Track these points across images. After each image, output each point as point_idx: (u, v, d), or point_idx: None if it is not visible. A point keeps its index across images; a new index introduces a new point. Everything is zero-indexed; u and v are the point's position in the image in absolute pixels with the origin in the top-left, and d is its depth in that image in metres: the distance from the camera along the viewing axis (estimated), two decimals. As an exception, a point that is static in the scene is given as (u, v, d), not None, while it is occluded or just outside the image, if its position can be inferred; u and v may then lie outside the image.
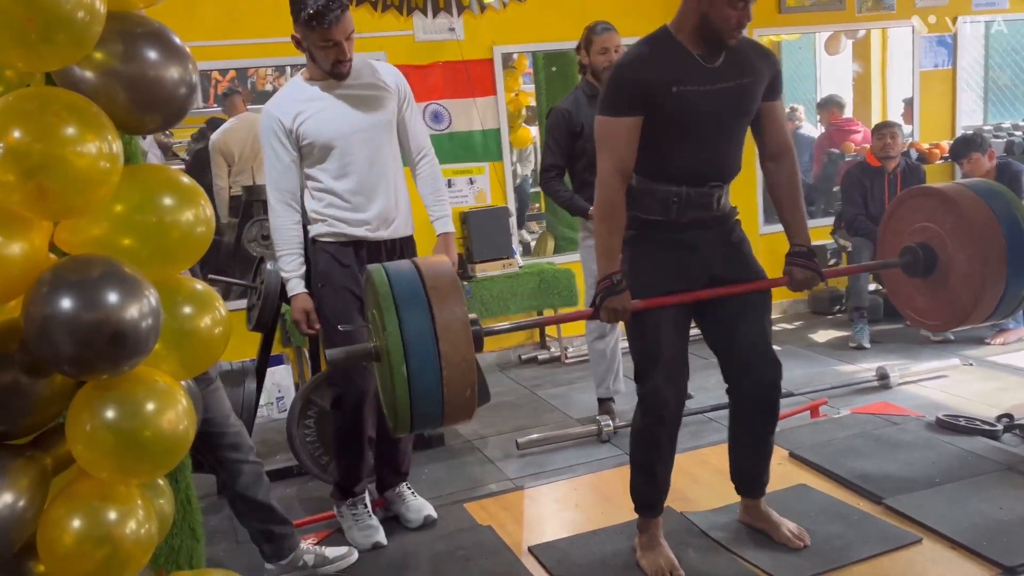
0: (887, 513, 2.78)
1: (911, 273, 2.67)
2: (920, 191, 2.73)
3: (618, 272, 2.33)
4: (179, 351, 1.63)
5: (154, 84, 1.53)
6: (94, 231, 1.52)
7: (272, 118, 2.76)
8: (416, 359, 1.98)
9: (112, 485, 1.57)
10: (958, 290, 2.56)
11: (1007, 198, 2.55)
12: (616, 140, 2.31)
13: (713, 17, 2.24)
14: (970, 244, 2.49)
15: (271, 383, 4.30)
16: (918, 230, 2.66)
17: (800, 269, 2.47)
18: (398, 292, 2.03)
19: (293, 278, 2.82)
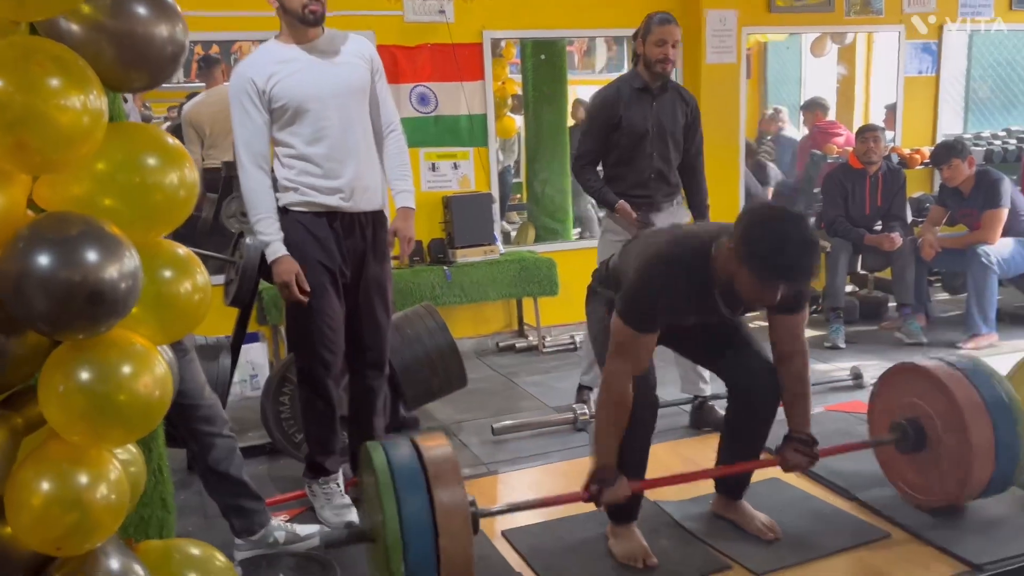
0: (858, 508, 2.80)
1: (901, 449, 2.73)
2: (910, 368, 2.74)
3: (613, 466, 2.39)
4: (157, 315, 1.59)
5: (142, 41, 1.49)
6: (75, 189, 1.48)
7: (244, 78, 2.69)
8: (415, 550, 2.00)
9: (84, 449, 1.53)
10: (947, 473, 2.61)
11: (993, 378, 2.60)
12: (637, 351, 2.34)
13: (742, 290, 2.21)
14: (959, 429, 2.53)
15: (245, 360, 4.25)
16: (908, 405, 2.71)
17: (796, 454, 2.53)
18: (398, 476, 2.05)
19: (275, 241, 2.72)
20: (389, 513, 2.02)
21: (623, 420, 2.36)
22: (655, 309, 2.31)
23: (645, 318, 2.31)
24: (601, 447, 2.40)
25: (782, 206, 2.23)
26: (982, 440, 2.50)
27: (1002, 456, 2.53)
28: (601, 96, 3.57)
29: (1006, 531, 2.58)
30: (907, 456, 2.73)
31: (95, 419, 1.48)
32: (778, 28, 6.09)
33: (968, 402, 2.53)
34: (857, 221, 4.97)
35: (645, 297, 2.31)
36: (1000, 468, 2.54)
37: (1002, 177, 4.76)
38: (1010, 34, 6.73)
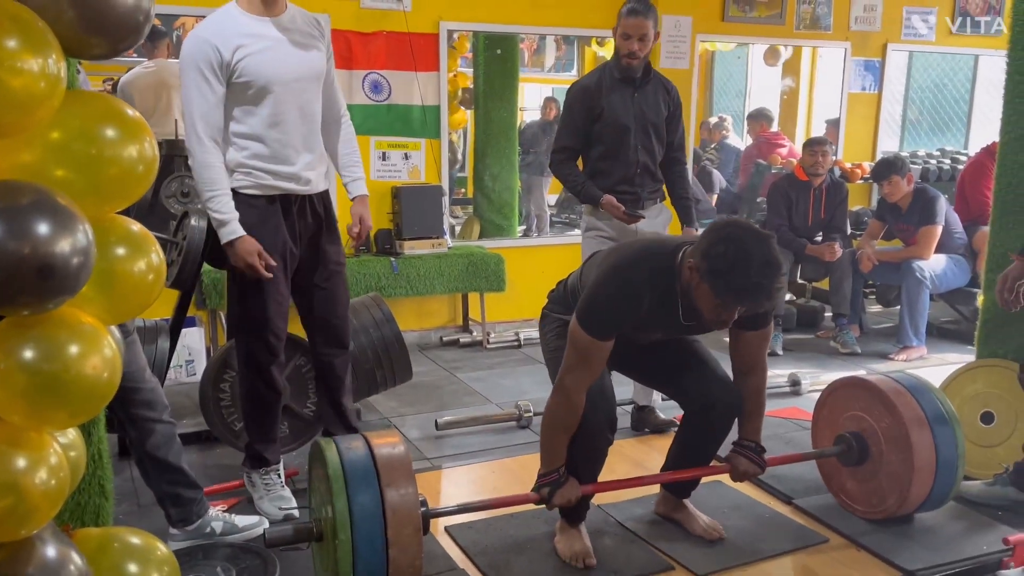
0: (796, 513, 2.86)
1: (844, 462, 2.78)
2: (856, 382, 2.80)
3: (563, 466, 2.38)
4: (108, 294, 1.52)
5: (105, 6, 1.42)
6: (26, 156, 1.40)
7: (208, 45, 2.52)
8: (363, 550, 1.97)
9: (23, 430, 1.45)
10: (885, 487, 2.67)
11: (937, 397, 2.67)
12: (596, 359, 2.31)
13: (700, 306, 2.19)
14: (903, 445, 2.59)
15: (182, 345, 4.11)
16: (852, 418, 2.77)
17: (746, 461, 2.55)
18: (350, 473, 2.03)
19: (232, 221, 2.59)
20: (340, 514, 1.98)
21: (574, 426, 2.35)
22: (616, 317, 2.27)
23: (604, 325, 2.27)
24: (550, 451, 2.39)
25: (749, 224, 2.20)
26: (924, 457, 2.57)
27: (942, 473, 2.60)
28: (580, 85, 3.40)
29: (940, 539, 2.66)
30: (849, 468, 2.79)
31: (38, 400, 1.41)
32: (730, 37, 6.19)
33: (913, 420, 2.59)
34: (799, 231, 5.08)
35: (605, 304, 2.27)
36: (939, 484, 2.61)
37: (939, 195, 4.91)
38: (946, 57, 6.98)
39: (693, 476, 2.66)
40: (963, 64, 7.16)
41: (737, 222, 2.18)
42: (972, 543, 2.64)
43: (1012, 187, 3.14)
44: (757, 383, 2.52)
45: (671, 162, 3.53)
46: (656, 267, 2.27)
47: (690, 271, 2.17)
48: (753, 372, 2.51)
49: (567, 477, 2.39)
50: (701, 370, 2.55)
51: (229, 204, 2.61)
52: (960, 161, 6.30)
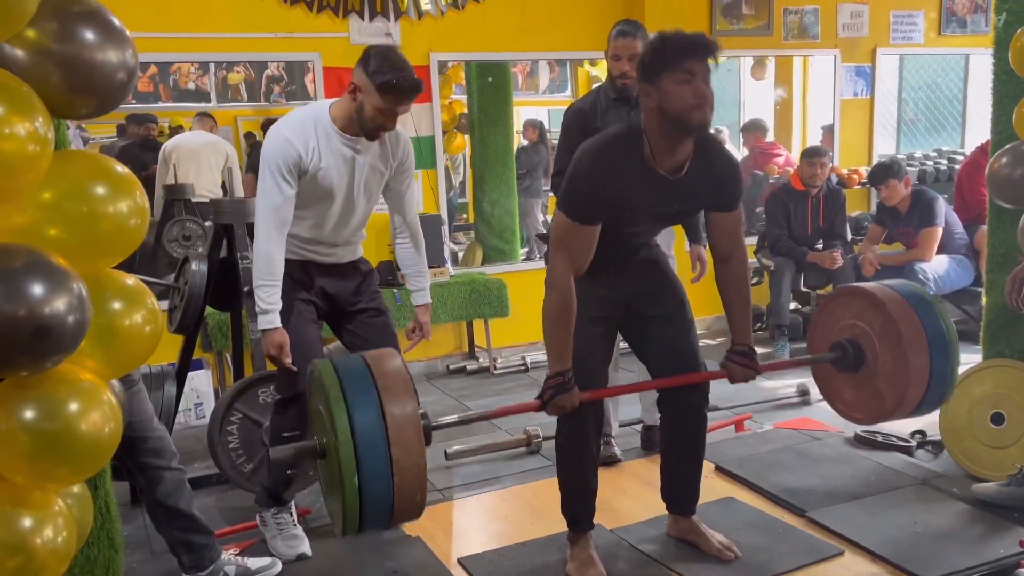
0: (810, 526, 2.84)
1: (840, 368, 2.78)
2: (852, 290, 2.81)
3: (569, 370, 2.33)
4: (106, 349, 1.54)
5: (90, 66, 1.45)
6: (18, 219, 1.43)
7: (292, 148, 2.62)
8: (367, 465, 1.94)
9: (28, 490, 1.47)
10: (883, 389, 2.67)
11: (932, 304, 2.68)
12: (577, 244, 2.31)
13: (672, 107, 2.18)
14: (896, 347, 2.60)
15: (190, 388, 4.15)
16: (848, 326, 2.77)
17: (741, 368, 2.53)
18: (349, 392, 1.99)
19: (272, 311, 2.69)
20: (341, 427, 1.95)
21: (569, 316, 2.33)
22: (592, 193, 2.28)
23: (581, 204, 2.28)
24: (554, 347, 2.34)
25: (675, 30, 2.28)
26: (918, 359, 2.56)
27: (935, 376, 2.59)
28: (576, 108, 3.42)
29: (956, 545, 2.64)
30: (845, 375, 2.78)
31: (40, 459, 1.42)
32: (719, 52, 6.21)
33: (907, 322, 2.58)
34: (800, 240, 5.08)
35: (581, 182, 2.28)
36: (932, 387, 2.61)
37: (936, 197, 4.91)
38: (937, 58, 7.00)
39: (689, 381, 2.56)
40: (954, 64, 7.18)
41: (662, 32, 2.24)
42: (989, 547, 2.62)
43: (1006, 186, 3.14)
44: (739, 268, 2.51)
45: None
46: (624, 142, 2.30)
47: (648, 96, 2.23)
48: (733, 256, 2.50)
49: (572, 384, 2.34)
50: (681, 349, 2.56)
51: (275, 295, 2.68)
52: (956, 161, 6.30)
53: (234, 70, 7.49)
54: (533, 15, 5.18)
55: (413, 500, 2.02)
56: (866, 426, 2.76)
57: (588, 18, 5.15)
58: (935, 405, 2.73)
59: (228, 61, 6.65)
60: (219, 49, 4.74)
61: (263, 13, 4.63)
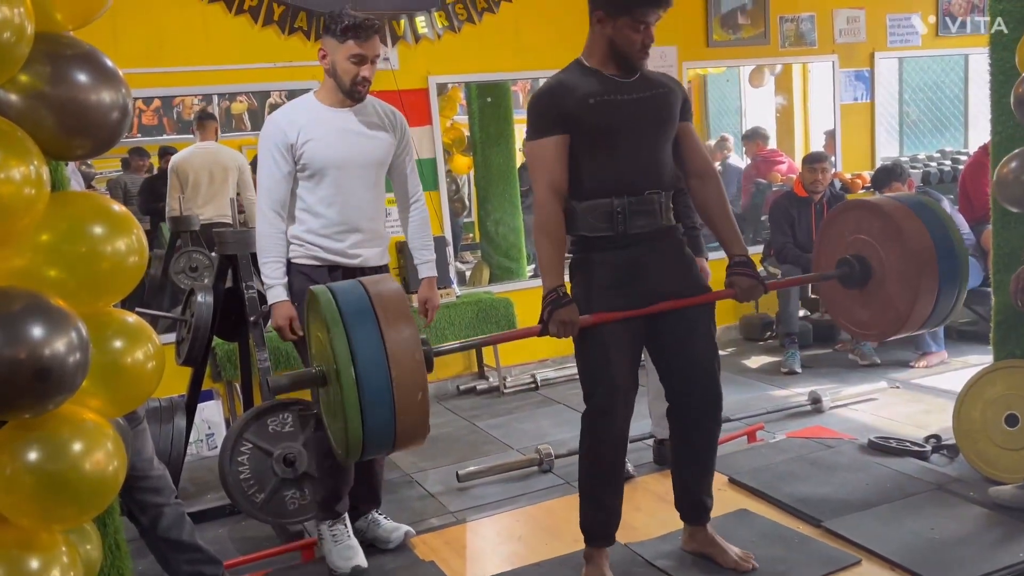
0: (826, 535, 2.81)
1: (848, 284, 2.72)
2: (851, 204, 2.79)
3: (562, 285, 2.34)
4: (109, 387, 1.55)
5: (84, 108, 1.46)
6: (17, 262, 1.44)
7: (277, 128, 2.78)
8: (368, 385, 1.92)
9: (34, 532, 1.47)
10: (893, 298, 2.61)
11: (934, 209, 2.65)
12: (545, 160, 2.37)
13: (619, 42, 2.36)
14: (902, 253, 2.56)
15: (200, 419, 4.15)
16: (852, 242, 2.72)
17: (744, 278, 2.50)
18: (346, 313, 1.98)
19: (277, 285, 2.81)
20: (340, 351, 1.94)
21: (557, 232, 2.36)
22: (544, 106, 2.37)
23: (537, 119, 2.38)
24: (546, 264, 2.36)
25: None
26: (924, 261, 2.52)
27: (945, 277, 2.55)
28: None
29: (974, 550, 2.61)
30: (853, 293, 2.72)
31: (46, 500, 1.43)
32: (716, 62, 6.24)
33: (910, 226, 2.55)
34: (805, 247, 5.06)
35: (534, 107, 2.41)
36: (943, 290, 2.57)
37: (941, 198, 4.87)
38: (936, 59, 7.00)
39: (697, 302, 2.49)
40: (954, 64, 7.18)
41: None
42: (1007, 551, 2.59)
43: (1009, 186, 3.12)
44: (716, 185, 2.54)
45: (676, 193, 3.53)
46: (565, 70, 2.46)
47: (600, 23, 2.37)
48: (707, 172, 2.54)
49: (567, 299, 2.32)
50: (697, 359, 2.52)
51: (279, 270, 2.81)
52: (960, 161, 6.28)
53: (237, 100, 7.56)
54: (528, 35, 5.21)
55: (415, 423, 2.00)
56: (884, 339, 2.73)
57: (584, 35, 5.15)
58: (947, 312, 2.63)
59: (230, 92, 6.72)
60: (221, 81, 4.78)
61: (262, 43, 4.68)
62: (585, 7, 2.43)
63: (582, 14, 2.45)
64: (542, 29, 5.22)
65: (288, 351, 4.27)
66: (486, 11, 5.11)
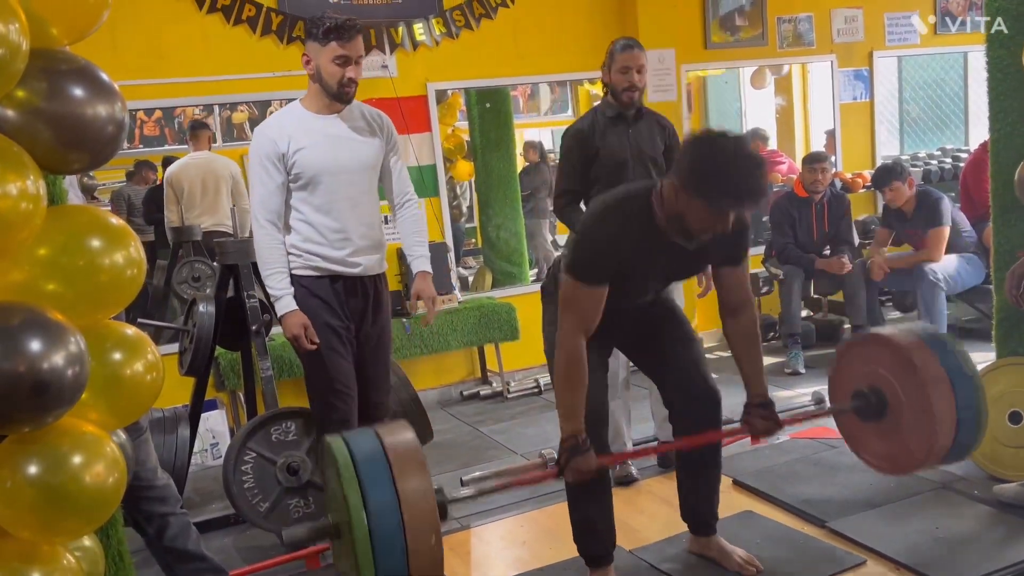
0: (831, 536, 2.81)
1: (864, 418, 2.69)
2: (869, 338, 2.74)
3: (582, 431, 2.29)
4: (108, 399, 1.55)
5: (80, 122, 1.47)
6: (15, 276, 1.45)
7: (267, 139, 2.78)
8: (382, 546, 1.91)
9: (35, 545, 1.48)
10: (909, 438, 2.57)
11: (951, 345, 2.59)
12: (585, 306, 2.30)
13: (691, 219, 2.16)
14: (919, 393, 2.51)
15: (204, 429, 4.16)
16: (866, 374, 2.69)
17: (761, 420, 2.50)
18: (362, 470, 1.98)
19: (285, 296, 2.80)
20: (354, 506, 1.93)
21: (582, 378, 2.30)
22: (599, 256, 2.27)
23: (589, 267, 2.28)
24: (565, 411, 2.31)
25: (721, 130, 2.16)
26: (943, 403, 2.48)
27: (963, 412, 2.49)
28: (575, 129, 3.43)
29: (979, 548, 2.61)
30: (870, 425, 2.68)
31: (46, 513, 1.43)
32: (715, 64, 6.24)
33: (928, 366, 2.50)
34: (806, 247, 5.06)
35: (588, 244, 2.29)
36: (963, 427, 2.50)
37: (941, 197, 4.89)
38: (935, 57, 6.99)
39: (711, 440, 2.57)
40: (954, 62, 7.17)
41: (709, 131, 2.16)
42: (1013, 549, 2.58)
43: (1008, 184, 3.12)
44: (748, 323, 2.50)
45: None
46: (634, 204, 2.29)
47: (675, 193, 2.15)
48: (743, 308, 2.49)
49: (587, 445, 2.27)
50: (687, 365, 2.55)
51: (284, 280, 2.81)
52: (961, 159, 6.27)
53: (238, 109, 7.58)
54: (527, 40, 5.21)
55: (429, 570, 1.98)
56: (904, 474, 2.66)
57: (582, 39, 5.17)
58: (966, 452, 2.59)
59: (230, 102, 6.74)
60: (221, 91, 4.79)
61: (262, 53, 4.69)
62: (581, 10, 2.41)
63: (578, 19, 2.43)
64: (540, 34, 5.23)
65: (291, 359, 4.28)
66: (484, 17, 5.11)
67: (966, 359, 2.56)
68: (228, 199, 5.37)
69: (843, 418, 2.80)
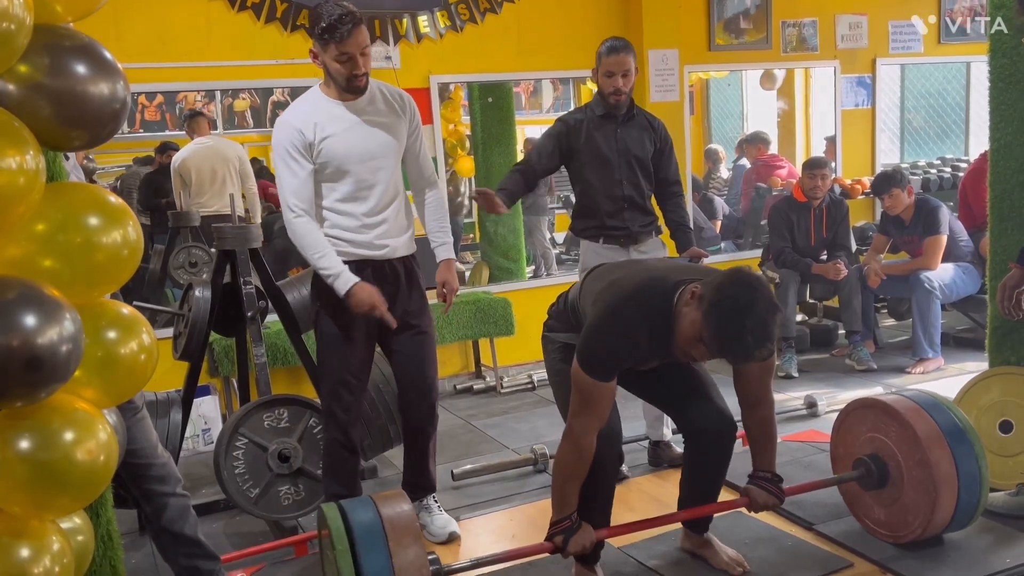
0: (819, 539, 2.82)
1: (866, 487, 2.73)
2: (869, 403, 2.75)
3: (575, 512, 2.35)
4: (102, 377, 1.55)
5: (82, 99, 1.47)
6: (12, 251, 1.45)
7: (292, 129, 2.74)
8: None
9: (25, 520, 1.48)
10: (910, 509, 2.60)
11: (951, 410, 2.63)
12: (601, 403, 2.29)
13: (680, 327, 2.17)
14: (922, 462, 2.54)
15: (197, 414, 4.16)
16: (868, 440, 2.72)
17: (763, 493, 2.52)
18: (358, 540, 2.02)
19: (344, 271, 2.74)
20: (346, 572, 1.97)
21: (584, 473, 2.33)
22: (616, 357, 2.25)
23: (606, 366, 2.25)
24: (562, 497, 2.37)
25: (767, 285, 2.15)
26: (945, 473, 2.51)
27: (965, 488, 2.54)
28: (565, 118, 3.44)
29: (966, 556, 2.61)
30: (871, 493, 2.73)
31: (37, 489, 1.43)
32: (718, 65, 6.24)
33: (928, 435, 2.53)
34: (803, 252, 5.07)
35: (605, 345, 2.24)
36: (963, 501, 2.55)
37: (940, 205, 4.90)
38: (939, 66, 7.00)
39: (709, 512, 2.64)
40: (956, 72, 7.18)
41: (759, 277, 2.12)
42: (999, 556, 2.59)
43: (1006, 194, 3.13)
44: (764, 415, 2.50)
45: (667, 195, 3.55)
46: (653, 306, 2.23)
47: (692, 297, 2.13)
48: (759, 405, 2.49)
49: (580, 523, 2.37)
50: (697, 395, 2.55)
51: (336, 259, 2.76)
52: (960, 168, 6.28)
53: (240, 97, 7.57)
54: (531, 36, 5.21)
55: None
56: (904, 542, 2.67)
57: (585, 37, 5.16)
58: (963, 525, 2.63)
59: (233, 89, 6.73)
60: (224, 77, 4.79)
61: (265, 41, 4.68)
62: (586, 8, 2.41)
63: (583, 17, 2.43)
64: (544, 30, 5.23)
65: (286, 348, 4.28)
66: (489, 11, 5.11)
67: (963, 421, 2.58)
68: (236, 181, 5.37)
69: (846, 486, 2.81)
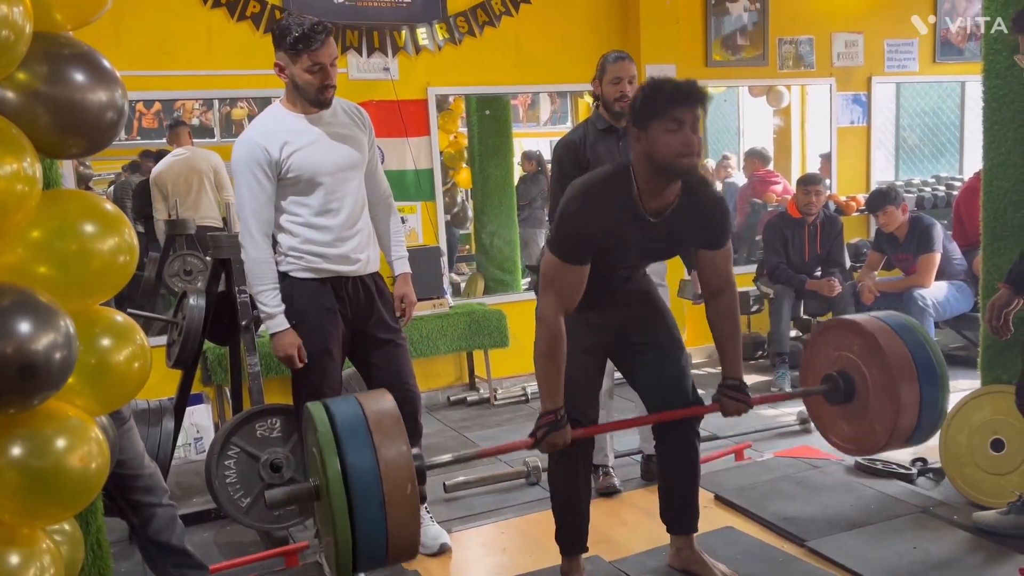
0: (810, 555, 2.81)
1: (832, 400, 2.77)
2: (839, 323, 2.83)
3: (562, 408, 2.35)
4: (95, 385, 1.55)
5: (79, 107, 1.48)
6: (8, 258, 1.45)
7: (257, 146, 2.68)
8: (360, 508, 1.93)
9: (15, 528, 1.47)
10: (875, 419, 2.67)
11: (918, 332, 2.69)
12: (567, 284, 2.33)
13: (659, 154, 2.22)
14: (886, 376, 2.61)
15: (189, 423, 4.16)
16: (838, 358, 2.77)
17: (732, 401, 2.55)
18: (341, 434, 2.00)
19: (278, 314, 2.72)
20: (332, 469, 1.95)
21: (560, 353, 2.33)
22: (581, 233, 2.30)
23: (569, 245, 2.31)
24: (545, 388, 2.35)
25: None
26: (907, 387, 2.56)
27: (924, 379, 2.59)
28: (566, 140, 3.46)
29: (955, 573, 2.61)
30: (838, 408, 2.77)
31: (28, 496, 1.43)
32: (715, 81, 6.28)
33: (886, 337, 2.59)
34: (798, 268, 5.08)
35: (570, 221, 2.31)
36: (926, 395, 2.60)
37: (934, 223, 4.92)
38: (934, 85, 7.04)
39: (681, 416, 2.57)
40: (951, 91, 7.23)
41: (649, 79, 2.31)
42: (989, 574, 2.59)
43: (999, 213, 3.15)
44: (727, 303, 2.53)
45: None
46: (611, 172, 2.36)
47: (637, 141, 2.26)
48: (723, 291, 2.52)
49: (564, 421, 2.35)
50: (666, 376, 2.58)
51: (276, 298, 2.73)
52: (955, 187, 6.31)
53: (238, 106, 7.59)
54: (529, 50, 5.24)
55: (407, 541, 2.01)
56: (863, 456, 2.72)
57: (583, 51, 5.19)
58: (928, 434, 2.71)
59: (231, 98, 6.75)
60: (222, 86, 4.81)
61: (264, 51, 4.64)
62: (584, 23, 2.45)
63: (581, 31, 2.46)
64: (542, 45, 5.26)
65: (279, 357, 4.27)
66: (488, 24, 5.14)
67: (931, 344, 2.64)
68: (213, 193, 5.43)
69: (812, 400, 2.85)
